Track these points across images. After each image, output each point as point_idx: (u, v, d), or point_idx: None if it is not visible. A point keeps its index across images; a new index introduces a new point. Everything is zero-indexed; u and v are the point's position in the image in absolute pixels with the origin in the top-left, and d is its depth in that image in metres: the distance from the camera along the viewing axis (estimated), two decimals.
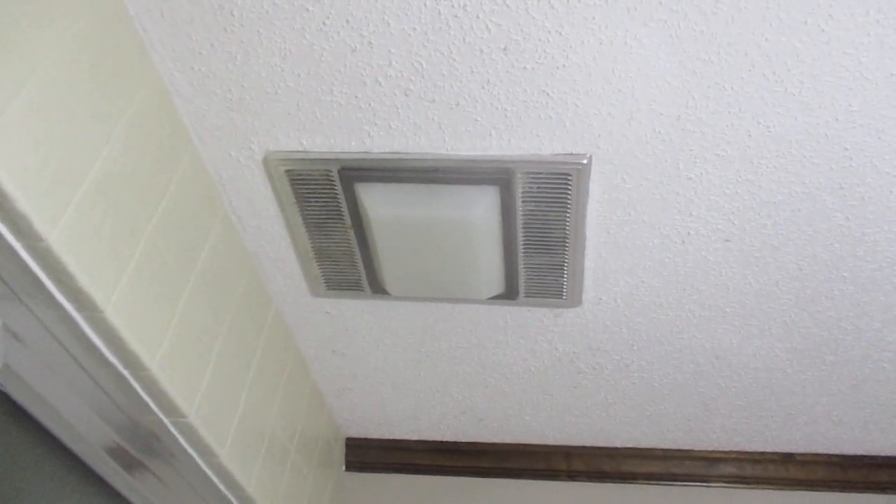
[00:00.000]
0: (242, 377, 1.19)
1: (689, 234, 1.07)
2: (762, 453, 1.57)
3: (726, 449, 1.58)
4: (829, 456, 1.55)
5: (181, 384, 1.00)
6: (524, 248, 1.10)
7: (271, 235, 1.16)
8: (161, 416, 1.01)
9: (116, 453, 1.09)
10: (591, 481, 1.61)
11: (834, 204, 1.00)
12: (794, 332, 1.23)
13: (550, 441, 1.62)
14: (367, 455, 1.70)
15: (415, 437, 1.68)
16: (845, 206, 1.00)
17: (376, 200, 1.04)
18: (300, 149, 1.02)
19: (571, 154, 0.97)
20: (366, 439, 1.70)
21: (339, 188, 1.05)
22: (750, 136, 0.92)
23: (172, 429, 1.03)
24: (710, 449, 1.58)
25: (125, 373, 0.93)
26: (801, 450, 1.55)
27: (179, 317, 0.99)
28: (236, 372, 1.17)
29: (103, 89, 0.83)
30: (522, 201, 1.03)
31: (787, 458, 1.56)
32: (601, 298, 1.20)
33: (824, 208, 1.01)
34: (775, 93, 0.87)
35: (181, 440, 1.06)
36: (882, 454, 1.53)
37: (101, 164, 0.83)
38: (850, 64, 0.83)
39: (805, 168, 0.96)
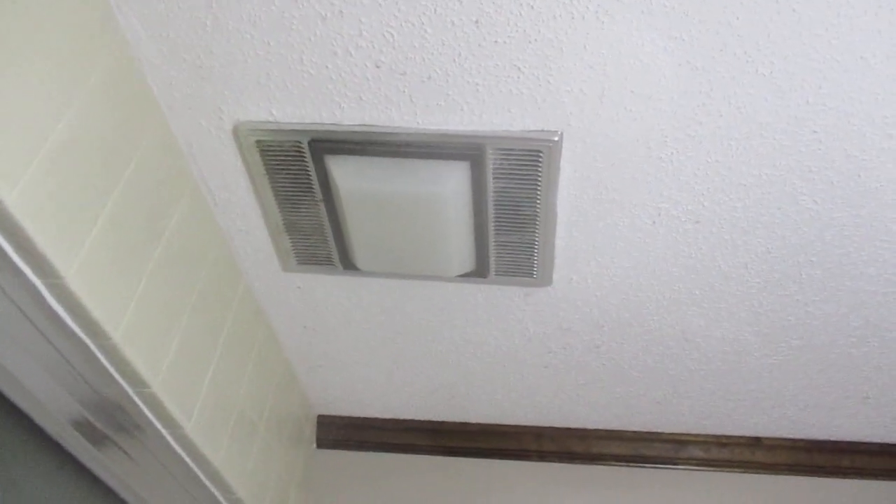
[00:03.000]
0: (210, 351, 1.18)
1: (659, 214, 1.07)
2: (730, 437, 1.59)
3: (694, 432, 1.59)
4: (796, 440, 1.57)
5: (145, 354, 0.99)
6: (495, 226, 1.10)
7: (241, 208, 1.15)
8: (125, 385, 1.00)
9: (83, 427, 1.09)
10: (561, 462, 1.62)
11: (803, 187, 1.01)
12: (762, 316, 1.23)
13: (521, 421, 1.63)
14: (339, 433, 1.70)
15: (386, 416, 1.68)
16: (814, 189, 1.01)
17: (346, 173, 1.03)
18: (270, 119, 1.01)
19: (543, 131, 0.97)
20: (337, 417, 1.70)
21: (309, 160, 1.04)
22: (721, 116, 0.92)
23: (137, 399, 1.02)
24: (679, 432, 1.59)
25: (88, 342, 0.92)
26: (768, 434, 1.57)
27: (144, 287, 0.98)
28: (204, 345, 1.16)
29: (65, 54, 0.82)
30: (493, 178, 1.02)
31: (754, 442, 1.58)
32: (572, 278, 1.20)
33: (793, 192, 1.01)
34: (746, 73, 0.87)
35: (146, 411, 1.05)
36: (847, 439, 1.56)
37: (62, 128, 0.81)
38: (820, 45, 0.83)
39: (775, 150, 0.96)
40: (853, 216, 1.04)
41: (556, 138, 0.97)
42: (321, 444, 1.71)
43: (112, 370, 0.97)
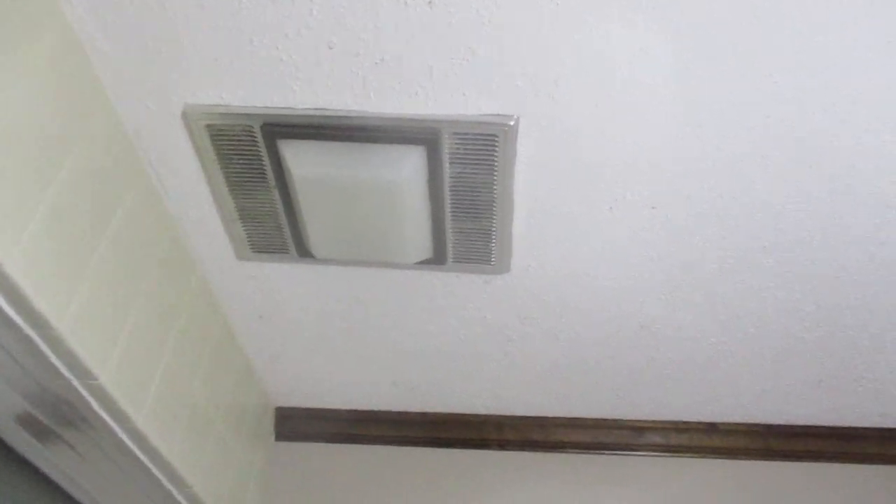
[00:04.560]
0: (162, 341, 1.16)
1: (616, 200, 1.07)
2: (687, 423, 1.60)
3: (653, 419, 1.60)
4: (751, 425, 1.60)
5: (92, 345, 0.96)
6: (452, 212, 1.09)
7: (192, 195, 1.12)
8: (71, 378, 0.96)
9: (27, 422, 1.05)
10: (522, 450, 1.62)
11: (755, 174, 1.01)
12: (718, 303, 1.25)
13: (482, 411, 1.63)
14: (298, 425, 1.68)
15: (346, 407, 1.66)
16: (766, 175, 1.01)
17: (300, 159, 1.01)
18: (221, 103, 0.98)
19: (498, 115, 0.96)
20: (296, 409, 1.68)
21: (261, 145, 1.02)
22: (674, 101, 0.92)
23: (84, 391, 0.99)
24: (638, 419, 1.61)
25: (31, 333, 0.89)
26: (724, 419, 1.59)
27: (92, 276, 0.95)
28: (155, 336, 1.13)
29: (3, 31, 0.79)
30: (450, 163, 1.01)
31: (711, 428, 1.60)
32: (530, 265, 1.20)
33: (746, 178, 1.02)
34: (699, 54, 0.87)
35: (93, 404, 1.02)
36: (800, 423, 1.58)
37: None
38: (771, 21, 0.83)
39: (728, 135, 0.96)
40: (804, 203, 1.05)
41: (511, 122, 0.96)
42: (280, 436, 1.69)
43: (57, 362, 0.93)
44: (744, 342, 1.34)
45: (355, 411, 1.66)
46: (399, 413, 1.65)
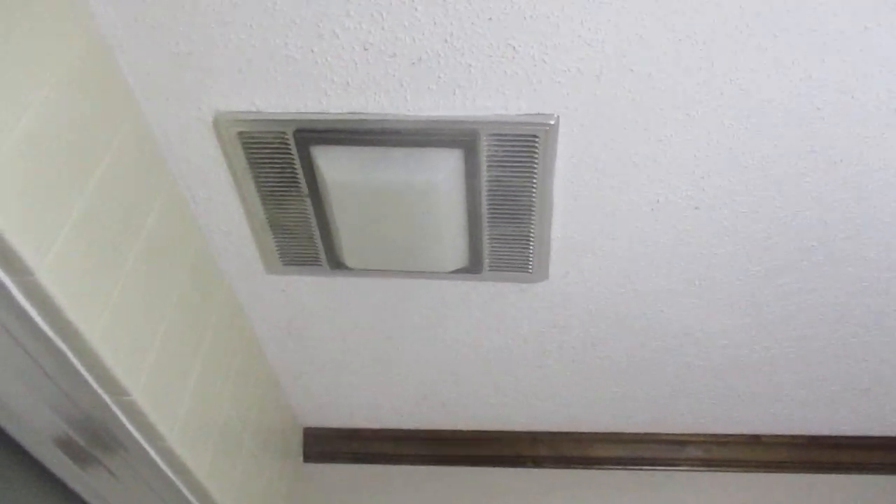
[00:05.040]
0: (192, 357, 1.13)
1: (657, 200, 1.04)
2: (729, 435, 1.55)
3: (693, 431, 1.55)
4: (795, 437, 1.54)
5: (124, 359, 0.93)
6: (489, 217, 1.06)
7: (222, 206, 1.10)
8: (102, 393, 0.94)
9: (65, 445, 1.02)
10: (558, 467, 1.58)
11: (804, 168, 0.98)
12: (763, 305, 1.21)
13: (515, 426, 1.58)
14: (326, 445, 1.64)
15: (375, 426, 1.62)
16: (816, 169, 0.98)
17: (334, 164, 0.99)
18: (253, 109, 0.96)
19: (538, 114, 0.93)
20: (324, 428, 1.64)
21: (294, 152, 0.99)
22: (722, 94, 0.89)
23: (115, 408, 0.96)
24: (678, 432, 1.56)
25: (62, 346, 0.86)
26: (767, 431, 1.54)
27: (122, 287, 0.93)
28: (185, 351, 1.10)
29: (32, 38, 0.77)
30: (487, 166, 0.98)
31: (753, 440, 1.55)
32: (568, 272, 1.16)
33: (795, 173, 0.99)
34: (747, 47, 0.84)
35: (125, 421, 0.99)
36: (847, 434, 1.53)
37: (30, 118, 0.76)
38: (823, 16, 0.81)
39: (776, 129, 0.93)
40: (855, 198, 1.02)
41: (552, 122, 0.93)
42: (308, 457, 1.65)
43: (88, 376, 0.91)
44: (788, 348, 1.30)
45: (385, 430, 1.62)
46: (430, 431, 1.61)
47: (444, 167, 0.97)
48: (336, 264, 1.16)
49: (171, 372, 1.05)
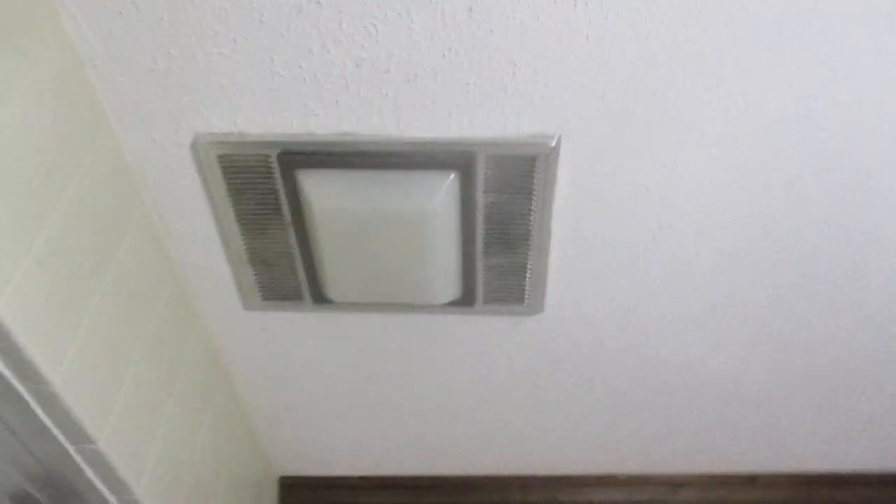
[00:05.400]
0: (162, 402, 1.04)
1: (660, 227, 0.99)
2: (726, 475, 1.49)
3: (689, 472, 1.49)
4: (793, 476, 1.49)
5: (89, 404, 0.84)
6: (484, 245, 1.00)
7: (199, 237, 1.03)
8: (64, 442, 0.85)
9: (24, 502, 0.92)
10: None
11: (814, 192, 0.95)
12: (765, 335, 1.16)
13: (504, 471, 1.50)
14: (305, 496, 1.54)
15: (356, 474, 1.53)
16: (822, 192, 0.95)
17: (320, 189, 0.93)
18: (234, 130, 0.90)
19: (539, 135, 0.89)
20: (303, 477, 1.54)
21: (278, 176, 0.93)
22: (729, 114, 0.86)
23: (78, 458, 0.87)
24: (673, 473, 1.49)
25: (20, 388, 0.78)
26: (764, 470, 1.49)
27: (88, 325, 0.85)
28: (155, 395, 1.02)
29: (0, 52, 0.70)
30: (484, 190, 0.93)
31: (751, 481, 1.49)
32: (564, 304, 1.11)
33: (803, 198, 0.95)
34: (759, 61, 0.81)
35: (89, 473, 0.90)
36: (846, 470, 1.48)
37: None
38: (839, 26, 0.78)
39: (784, 150, 0.90)
40: (862, 223, 0.99)
41: (552, 143, 0.89)
42: None
43: (49, 422, 0.82)
44: (790, 379, 1.25)
45: (366, 478, 1.53)
46: (414, 478, 1.52)
47: (439, 192, 0.92)
48: (319, 298, 1.09)
49: (139, 417, 0.97)
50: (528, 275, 1.05)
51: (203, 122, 0.89)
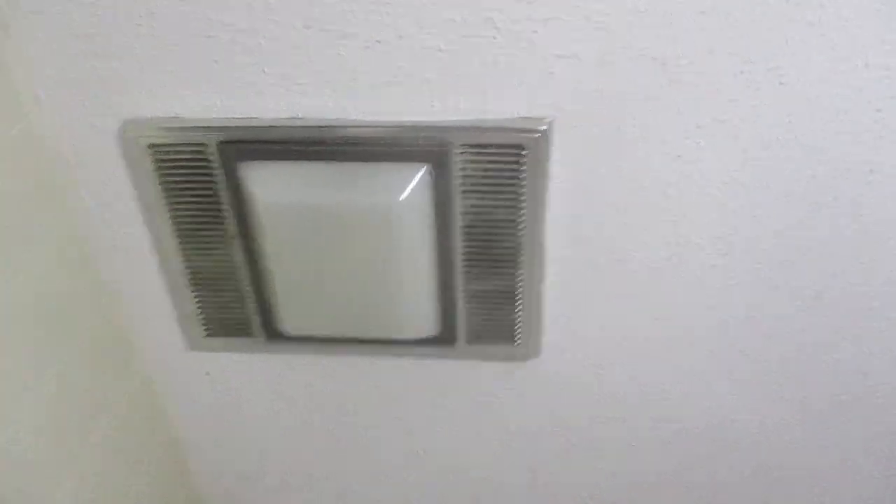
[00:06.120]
0: (76, 467, 0.85)
1: (678, 243, 0.82)
2: None
3: None
4: None
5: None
6: (465, 264, 0.83)
7: (132, 253, 0.88)
8: None
9: None
10: None
11: (859, 194, 0.78)
12: (811, 386, 0.95)
13: None
14: None
15: None
16: (874, 194, 0.78)
17: (267, 186, 0.78)
18: (170, 114, 0.77)
19: (526, 118, 0.74)
20: None
21: (219, 171, 0.79)
22: (759, 90, 0.71)
23: None
24: None
25: None
26: None
27: None
28: (66, 461, 0.83)
29: None
30: (462, 190, 0.78)
31: None
32: (565, 346, 0.92)
33: (851, 201, 0.78)
34: (795, 23, 0.66)
35: None
36: None
37: None
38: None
39: (829, 138, 0.74)
40: None
41: (543, 127, 0.74)
42: None
43: None
44: (840, 439, 1.03)
45: None
46: None
47: (407, 186, 0.76)
48: (273, 334, 0.92)
49: (48, 472, 0.78)
50: (518, 304, 0.87)
51: (133, 105, 0.76)
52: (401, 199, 0.76)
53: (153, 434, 1.02)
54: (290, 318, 0.89)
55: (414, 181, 0.76)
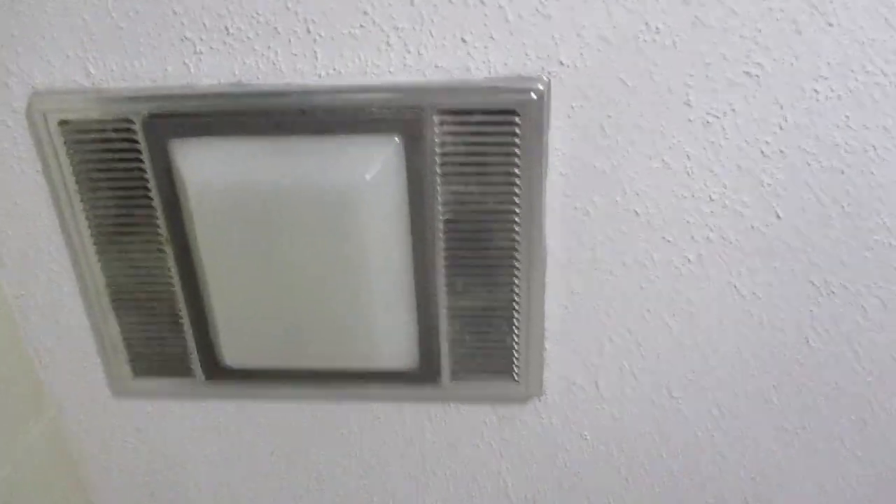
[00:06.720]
0: None
1: (707, 238, 0.67)
2: None
3: None
4: None
5: None
6: (448, 271, 0.68)
7: (41, 268, 0.72)
8: None
9: None
10: None
11: None
12: (870, 442, 0.78)
13: None
14: None
15: None
16: None
17: (204, 167, 0.63)
18: (86, 85, 0.63)
19: (518, 77, 0.61)
20: None
21: (145, 154, 0.64)
22: (800, 35, 0.58)
23: None
24: None
25: None
26: None
27: None
28: None
29: None
30: (442, 173, 0.63)
31: None
32: (573, 380, 0.75)
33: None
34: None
35: None
36: None
37: None
38: None
39: (877, 103, 0.61)
40: None
41: (540, 86, 0.60)
42: None
43: None
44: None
45: None
46: None
47: (374, 162, 0.62)
48: (214, 370, 0.75)
49: None
50: (515, 326, 0.71)
51: (44, 74, 0.63)
52: (367, 177, 0.62)
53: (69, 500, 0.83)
54: (233, 346, 0.72)
55: (383, 155, 0.62)
